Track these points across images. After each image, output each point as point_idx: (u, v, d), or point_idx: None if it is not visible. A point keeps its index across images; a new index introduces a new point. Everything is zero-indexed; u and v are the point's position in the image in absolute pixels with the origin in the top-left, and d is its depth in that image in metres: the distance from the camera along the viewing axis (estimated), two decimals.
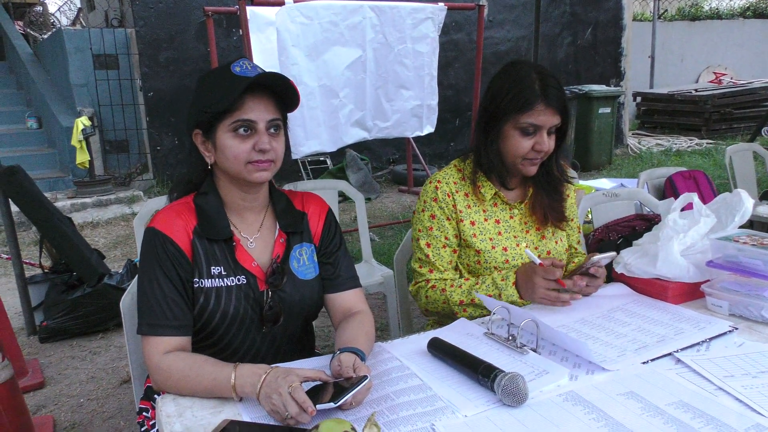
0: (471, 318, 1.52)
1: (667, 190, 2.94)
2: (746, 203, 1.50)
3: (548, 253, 1.68)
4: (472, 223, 1.65)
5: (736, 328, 1.33)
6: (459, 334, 1.39)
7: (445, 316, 1.64)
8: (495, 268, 1.64)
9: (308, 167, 6.86)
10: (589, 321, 1.43)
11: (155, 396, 1.36)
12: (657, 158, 8.13)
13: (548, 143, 1.55)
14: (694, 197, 1.55)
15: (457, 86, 7.92)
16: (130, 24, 6.63)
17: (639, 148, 8.92)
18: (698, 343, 1.28)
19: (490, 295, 1.52)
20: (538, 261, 1.44)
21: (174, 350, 1.25)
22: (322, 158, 6.97)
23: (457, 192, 1.66)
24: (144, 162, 6.91)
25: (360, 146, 6.30)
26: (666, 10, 12.33)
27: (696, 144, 9.09)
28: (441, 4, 5.43)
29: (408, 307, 2.16)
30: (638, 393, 1.10)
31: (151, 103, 6.69)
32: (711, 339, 1.29)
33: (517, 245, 1.66)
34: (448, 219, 1.65)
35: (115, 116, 6.70)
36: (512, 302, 1.47)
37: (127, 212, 6.08)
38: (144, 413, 1.40)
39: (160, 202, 1.90)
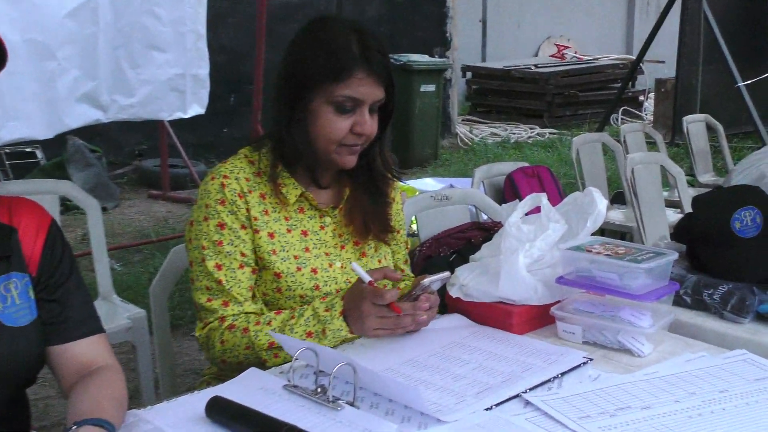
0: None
1: (507, 190, 3.25)
2: (599, 204, 1.72)
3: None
4: (271, 236, 1.68)
5: (591, 359, 1.53)
6: (250, 389, 1.41)
7: (249, 365, 1.66)
8: (301, 296, 1.69)
9: (6, 161, 6.40)
10: (420, 362, 1.53)
11: None
12: (493, 151, 8.90)
13: (371, 124, 1.64)
14: (543, 198, 1.75)
15: (233, 50, 7.94)
16: None
17: (471, 138, 9.70)
18: (549, 380, 1.44)
19: (310, 334, 1.57)
20: (367, 278, 1.52)
21: None
22: (29, 149, 6.55)
23: (250, 192, 1.68)
24: None
25: (89, 132, 6.02)
26: None
27: (538, 134, 10.11)
28: None
29: (171, 361, 2.14)
30: None
31: None
32: (563, 374, 1.46)
33: (330, 265, 1.73)
34: (243, 227, 1.66)
35: None
36: (342, 339, 1.53)
37: None
38: None
39: None
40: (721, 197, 2.05)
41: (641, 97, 11.60)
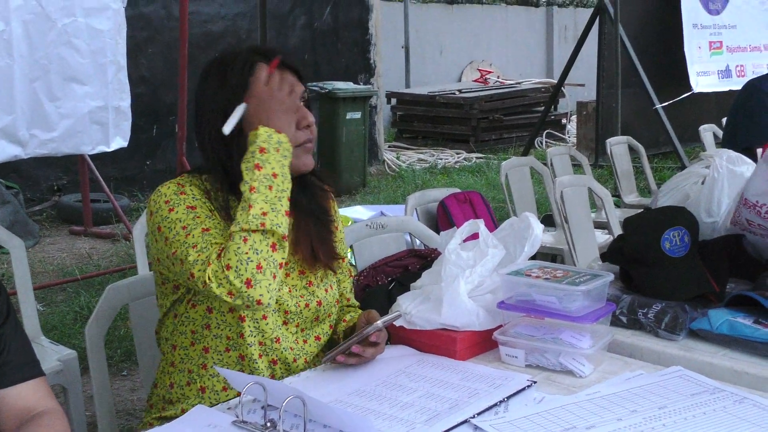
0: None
1: (440, 216, 3.32)
2: (536, 229, 1.79)
3: (318, 304, 1.79)
4: None
5: (535, 382, 1.58)
6: (197, 427, 1.41)
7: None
8: (228, 338, 1.70)
9: None
10: (367, 392, 1.56)
11: None
12: (421, 177, 9.02)
13: (310, 113, 1.75)
14: (481, 225, 1.81)
15: (153, 80, 7.88)
16: None
17: (398, 164, 9.80)
18: (496, 404, 1.48)
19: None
20: None
21: None
22: None
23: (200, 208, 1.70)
24: None
25: (5, 168, 5.89)
26: None
27: (464, 159, 10.28)
28: None
29: (110, 404, 2.09)
30: None
31: None
32: (509, 398, 1.51)
33: (283, 289, 1.74)
34: (210, 210, 1.67)
35: None
36: None
37: None
38: None
39: None
40: (649, 218, 2.12)
41: (564, 120, 11.94)
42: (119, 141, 5.32)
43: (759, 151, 2.37)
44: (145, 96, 7.77)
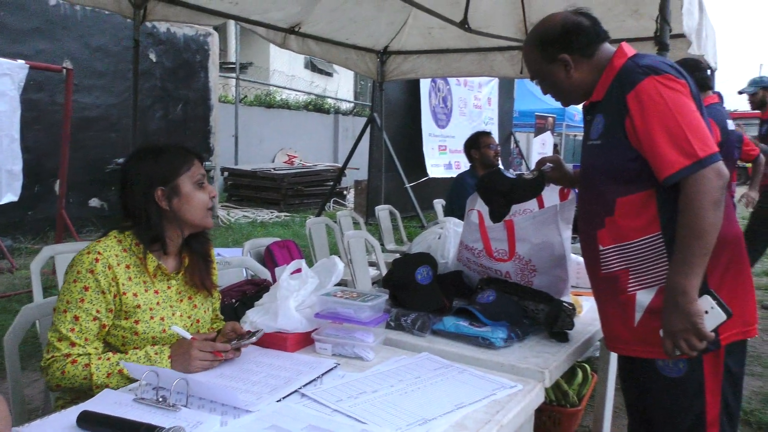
0: (116, 388, 1.54)
1: (267, 257, 3.37)
2: (339, 267, 1.94)
3: (198, 321, 1.82)
4: (135, 295, 1.70)
5: (338, 364, 1.70)
6: (107, 404, 1.40)
7: (80, 392, 1.60)
8: (153, 338, 1.70)
9: None
10: (227, 375, 1.62)
11: None
12: (245, 229, 8.89)
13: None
14: (303, 263, 1.93)
15: (38, 150, 7.24)
16: None
17: (229, 219, 9.61)
18: (315, 379, 1.60)
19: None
20: (189, 336, 1.60)
21: None
22: None
23: (118, 265, 1.68)
24: None
25: None
26: (246, 96, 13.73)
27: (276, 216, 10.27)
28: (21, 61, 5.11)
29: (22, 398, 1.95)
30: (278, 425, 1.34)
31: None
32: (323, 375, 1.63)
33: (173, 314, 1.76)
34: (103, 293, 1.64)
35: None
36: None
37: None
38: None
39: None
40: (408, 260, 2.23)
41: (345, 192, 12.29)
42: (10, 196, 4.94)
43: None
44: (30, 161, 7.10)
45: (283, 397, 1.48)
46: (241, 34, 12.87)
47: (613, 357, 2.85)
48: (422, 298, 2.11)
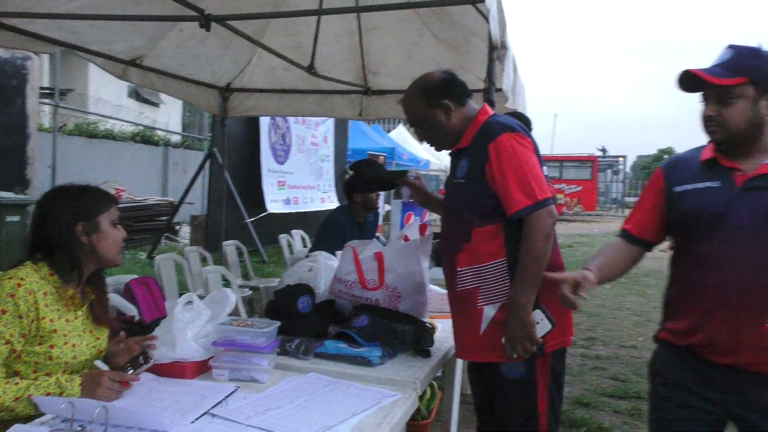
0: (26, 415, 1.57)
1: (126, 294, 3.33)
2: (231, 299, 2.09)
3: (100, 351, 1.87)
4: (51, 321, 1.75)
5: (238, 387, 1.86)
6: None
7: None
8: (66, 363, 1.75)
9: None
10: (135, 404, 1.70)
11: None
12: None
13: None
14: (194, 296, 2.05)
15: None
16: None
17: None
18: (220, 402, 1.74)
19: (49, 394, 1.61)
20: (106, 367, 1.69)
21: None
22: None
23: (39, 290, 1.73)
24: None
25: None
26: (65, 124, 12.82)
27: None
28: None
29: None
30: None
31: None
32: (227, 397, 1.78)
33: (81, 343, 1.81)
34: (20, 317, 1.68)
35: None
36: None
37: None
38: None
39: None
40: (289, 290, 2.42)
41: (177, 227, 11.89)
42: None
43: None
44: None
45: (196, 418, 1.62)
46: (61, 57, 12.05)
47: (458, 375, 3.27)
48: (304, 325, 2.29)
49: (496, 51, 3.71)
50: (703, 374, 1.84)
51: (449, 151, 2.28)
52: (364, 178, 2.53)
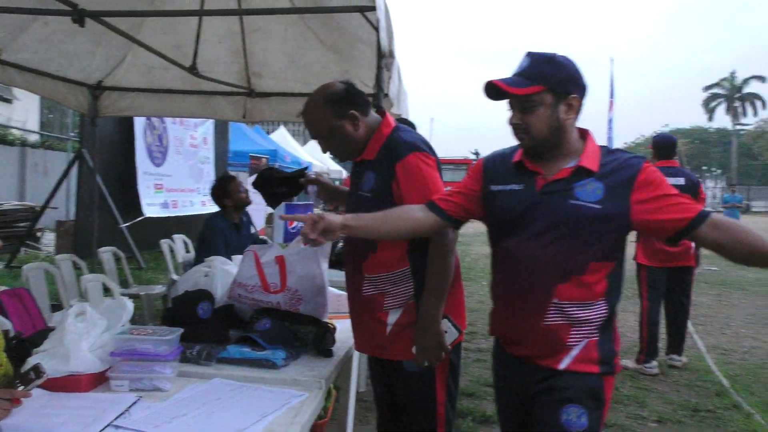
0: None
1: None
2: (129, 307, 2.02)
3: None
4: None
5: (141, 397, 1.81)
6: None
7: None
8: None
9: None
10: (29, 422, 1.61)
11: None
12: None
13: None
14: (87, 306, 1.96)
15: None
16: None
17: None
18: (123, 413, 1.69)
19: None
20: None
21: None
22: None
23: None
24: None
25: None
26: None
27: None
28: None
29: None
30: None
31: None
32: (129, 408, 1.73)
33: None
34: None
35: None
36: None
37: None
38: None
39: None
40: (189, 296, 2.37)
41: (39, 234, 11.01)
42: None
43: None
44: None
45: (101, 430, 1.56)
46: None
47: (354, 374, 3.34)
48: (205, 331, 2.27)
49: (384, 59, 3.85)
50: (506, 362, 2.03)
51: (352, 161, 2.34)
52: (273, 182, 2.53)
